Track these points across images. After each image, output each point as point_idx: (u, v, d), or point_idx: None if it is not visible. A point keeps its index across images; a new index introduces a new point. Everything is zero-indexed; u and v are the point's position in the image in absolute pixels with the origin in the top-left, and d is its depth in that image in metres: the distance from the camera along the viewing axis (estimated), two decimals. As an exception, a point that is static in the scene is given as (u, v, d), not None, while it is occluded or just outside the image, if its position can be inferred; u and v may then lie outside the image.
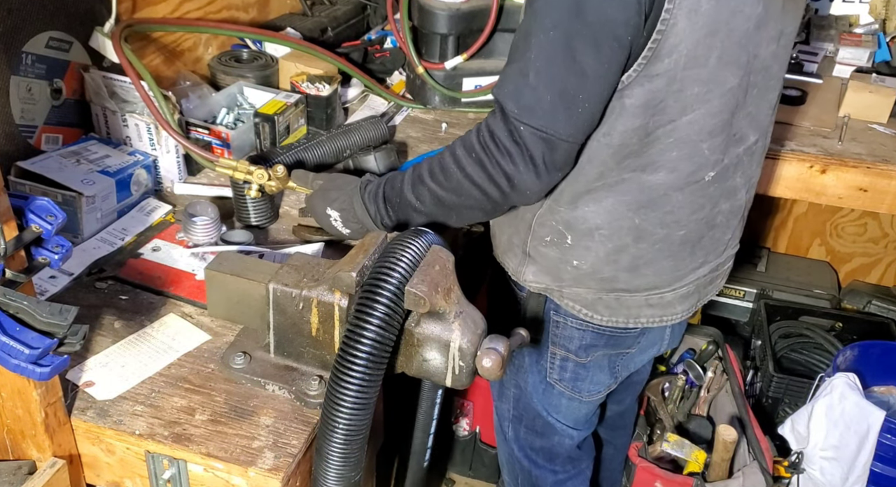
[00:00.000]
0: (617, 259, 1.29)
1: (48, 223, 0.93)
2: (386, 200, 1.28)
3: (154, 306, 1.26)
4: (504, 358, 1.03)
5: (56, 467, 1.04)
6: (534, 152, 1.13)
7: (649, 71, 1.11)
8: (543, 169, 1.15)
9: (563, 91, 1.10)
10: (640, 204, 1.24)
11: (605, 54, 1.08)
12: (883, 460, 1.91)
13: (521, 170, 1.15)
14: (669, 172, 1.21)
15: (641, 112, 1.14)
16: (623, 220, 1.25)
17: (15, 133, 1.44)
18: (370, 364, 0.97)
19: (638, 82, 1.12)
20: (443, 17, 1.78)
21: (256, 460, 1.02)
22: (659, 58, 1.09)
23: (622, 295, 1.33)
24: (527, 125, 1.12)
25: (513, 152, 1.14)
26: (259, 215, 1.45)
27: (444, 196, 1.22)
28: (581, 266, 1.30)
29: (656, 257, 1.29)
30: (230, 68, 1.80)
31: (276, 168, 1.40)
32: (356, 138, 1.65)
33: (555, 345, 1.44)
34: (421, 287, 1.00)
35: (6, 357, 0.87)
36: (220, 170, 1.40)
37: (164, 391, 1.11)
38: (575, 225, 1.27)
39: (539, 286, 1.37)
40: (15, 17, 1.39)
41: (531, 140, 1.12)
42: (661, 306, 1.36)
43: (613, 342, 1.42)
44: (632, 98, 1.13)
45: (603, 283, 1.32)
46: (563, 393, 1.50)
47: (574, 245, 1.29)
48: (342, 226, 1.34)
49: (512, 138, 1.14)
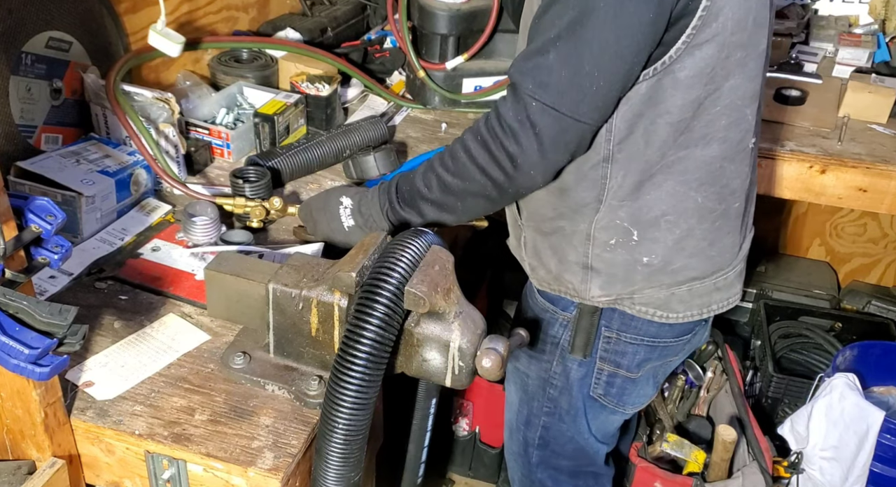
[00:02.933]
0: (684, 245, 1.26)
1: (48, 223, 0.93)
2: (398, 191, 1.27)
3: (154, 306, 1.26)
4: (504, 358, 1.03)
5: (56, 467, 1.04)
6: (541, 128, 1.11)
7: (698, 39, 1.10)
8: (550, 145, 1.13)
9: (578, 67, 1.08)
10: (701, 180, 1.22)
11: (628, 29, 1.06)
12: (882, 460, 1.91)
13: (525, 148, 1.13)
14: (721, 142, 1.19)
15: (696, 82, 1.13)
16: (687, 201, 1.23)
17: (14, 133, 1.44)
18: (370, 364, 0.97)
19: (688, 53, 1.11)
20: (443, 18, 1.78)
21: (256, 460, 1.02)
22: (708, 25, 1.09)
23: (694, 284, 1.30)
24: (539, 101, 1.11)
25: (517, 131, 1.13)
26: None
27: (450, 181, 1.21)
28: (652, 261, 1.27)
29: (719, 235, 1.28)
30: (230, 68, 1.80)
31: (273, 200, 1.41)
32: (356, 138, 1.65)
33: (603, 361, 1.39)
34: (421, 287, 1.00)
35: (6, 357, 0.87)
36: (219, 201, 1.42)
37: (164, 391, 1.11)
38: (640, 216, 1.24)
39: (608, 298, 1.32)
40: (15, 17, 1.39)
41: (540, 116, 1.11)
42: (726, 288, 1.34)
43: (665, 353, 1.40)
44: (684, 70, 1.12)
45: (675, 276, 1.29)
46: (606, 407, 1.46)
47: (641, 239, 1.25)
48: (347, 216, 1.32)
49: (517, 118, 1.12)
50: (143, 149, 1.45)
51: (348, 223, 1.32)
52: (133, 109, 1.49)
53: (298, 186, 1.59)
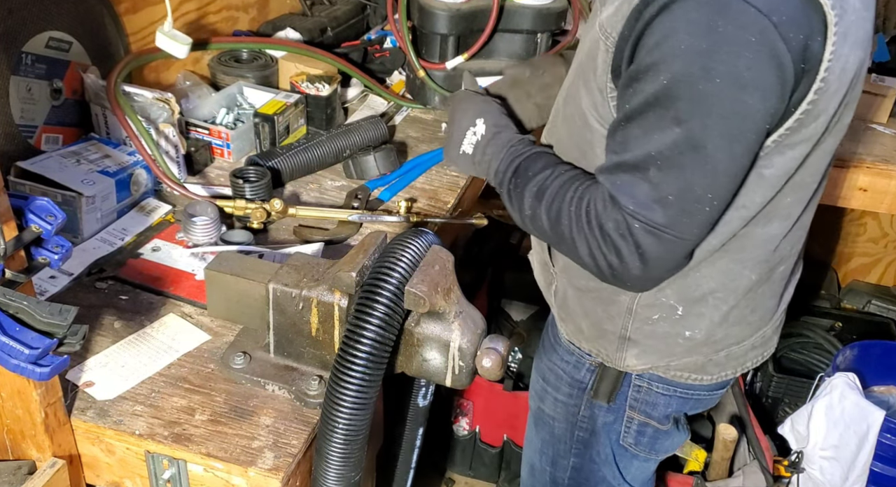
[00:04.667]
0: (728, 317, 1.18)
1: (48, 223, 0.93)
2: (514, 175, 1.15)
3: (154, 306, 1.26)
4: (504, 357, 1.03)
5: (56, 467, 1.04)
6: (646, 250, 1.01)
7: (792, 140, 1.00)
8: (656, 268, 1.03)
9: (688, 190, 0.98)
10: (757, 259, 1.13)
11: (743, 148, 0.97)
12: (883, 460, 1.92)
13: (630, 268, 1.03)
14: (783, 220, 1.11)
15: (781, 180, 1.04)
16: (739, 279, 1.14)
17: (15, 133, 1.44)
18: (370, 363, 0.97)
19: (778, 152, 1.01)
20: (443, 18, 1.78)
21: (256, 460, 1.02)
22: (805, 126, 0.99)
23: (731, 349, 1.23)
24: (642, 222, 1.00)
25: (620, 247, 1.02)
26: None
27: (548, 233, 1.12)
28: (695, 335, 1.19)
29: (762, 301, 1.20)
30: (230, 68, 1.80)
31: (273, 202, 1.41)
32: (356, 138, 1.65)
33: (633, 410, 1.31)
34: (421, 287, 1.00)
35: (6, 357, 0.87)
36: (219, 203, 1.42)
37: (164, 391, 1.11)
38: (687, 293, 1.15)
39: (644, 367, 1.24)
40: (15, 17, 1.39)
41: (645, 238, 1.00)
42: (762, 344, 1.27)
43: (698, 405, 1.34)
44: (771, 168, 1.02)
45: (715, 345, 1.21)
46: (638, 456, 1.37)
47: (686, 314, 1.17)
48: (470, 144, 1.23)
49: (619, 231, 1.01)
50: (142, 150, 1.45)
51: (466, 148, 1.24)
52: (133, 110, 1.49)
53: (298, 186, 1.59)
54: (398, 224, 1.47)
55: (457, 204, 1.59)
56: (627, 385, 1.29)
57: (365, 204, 1.52)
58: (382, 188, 1.59)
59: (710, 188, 0.98)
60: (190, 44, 1.52)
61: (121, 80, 1.53)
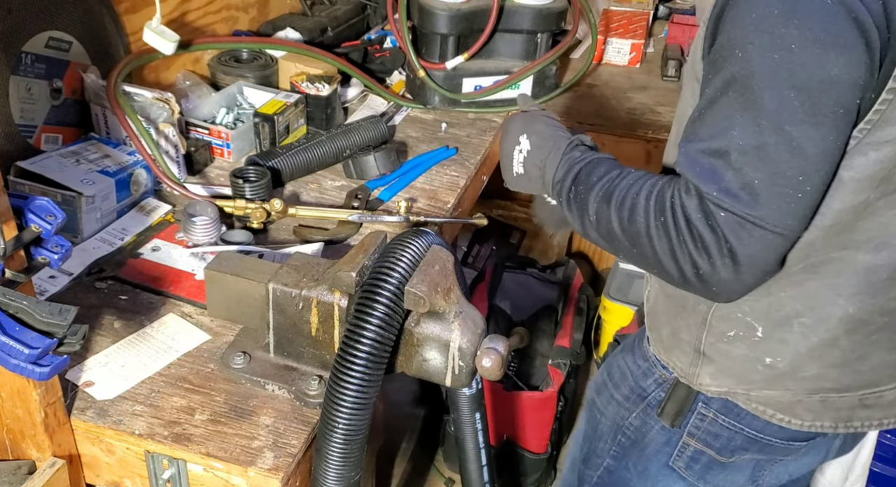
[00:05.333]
0: (823, 354, 1.05)
1: (48, 223, 0.93)
2: (575, 182, 1.07)
3: (154, 306, 1.26)
4: (504, 357, 1.03)
5: (56, 467, 1.04)
6: (735, 245, 0.90)
7: (875, 137, 0.90)
8: (747, 268, 0.91)
9: (776, 173, 0.88)
10: (856, 289, 1.00)
11: (830, 124, 0.87)
12: (883, 460, 1.91)
13: (718, 267, 0.92)
14: (889, 249, 0.98)
15: (865, 186, 0.93)
16: (832, 308, 1.01)
17: (14, 133, 1.44)
18: (370, 363, 0.97)
19: (859, 151, 0.91)
20: (443, 18, 1.78)
21: (256, 460, 1.02)
22: (889, 121, 0.89)
23: (829, 395, 1.08)
24: (728, 211, 0.90)
25: (708, 241, 0.91)
26: None
27: (619, 235, 1.01)
28: (776, 364, 1.07)
29: (874, 349, 1.05)
30: (230, 68, 1.81)
31: (273, 202, 1.41)
32: (356, 138, 1.65)
33: (692, 437, 1.20)
34: (421, 287, 1.00)
35: (6, 357, 0.87)
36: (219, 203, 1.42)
37: (164, 391, 1.11)
38: (768, 312, 1.04)
39: (719, 390, 1.13)
40: (15, 16, 1.39)
41: (733, 230, 0.90)
42: (879, 407, 1.11)
43: (769, 451, 1.18)
44: (851, 170, 0.92)
45: (804, 383, 1.07)
46: (685, 479, 1.25)
47: (766, 338, 1.05)
48: (519, 163, 1.16)
49: (707, 222, 0.91)
50: (142, 150, 1.45)
51: (517, 169, 1.17)
52: (133, 110, 1.49)
53: (298, 186, 1.59)
54: (398, 224, 1.47)
55: (457, 204, 1.59)
56: (693, 411, 1.18)
57: (365, 204, 1.52)
58: (382, 188, 1.59)
59: (800, 169, 0.88)
60: (177, 40, 1.52)
61: (121, 79, 1.53)
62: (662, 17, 2.54)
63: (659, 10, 2.54)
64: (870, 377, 1.08)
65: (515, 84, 1.89)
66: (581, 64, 2.04)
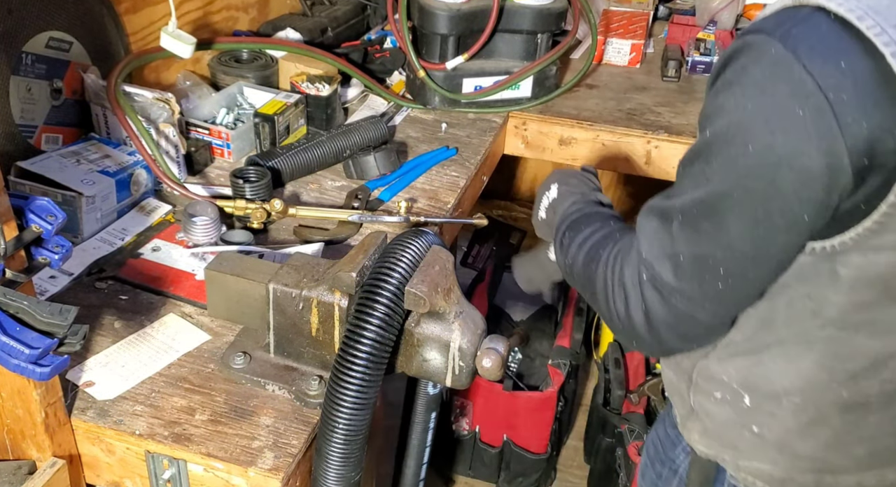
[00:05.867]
0: (816, 432, 0.98)
1: (48, 223, 0.93)
2: (569, 227, 1.12)
3: (154, 306, 1.26)
4: (504, 357, 1.03)
5: (56, 467, 1.04)
6: (651, 308, 0.92)
7: (875, 242, 0.83)
8: (666, 334, 0.93)
9: (701, 256, 0.87)
10: (852, 372, 0.93)
11: (765, 232, 0.84)
12: (882, 460, 1.91)
13: (635, 321, 0.94)
14: (888, 335, 0.91)
15: (864, 287, 0.87)
16: (826, 392, 0.95)
17: (15, 133, 1.44)
18: (370, 364, 0.97)
19: (858, 251, 0.85)
20: (443, 18, 1.78)
21: (256, 460, 1.02)
22: (890, 229, 0.82)
23: (824, 477, 1.01)
24: (651, 275, 0.91)
25: (629, 294, 0.93)
26: None
27: (580, 277, 1.05)
28: (764, 433, 1.00)
29: (872, 431, 0.98)
30: (230, 68, 1.81)
31: (273, 202, 1.41)
32: (356, 138, 1.65)
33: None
34: (421, 287, 1.00)
35: (6, 357, 0.87)
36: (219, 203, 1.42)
37: (164, 391, 1.12)
38: (756, 383, 0.98)
39: (707, 451, 1.08)
40: (15, 17, 1.39)
41: (651, 294, 0.91)
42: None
43: None
44: (848, 268, 0.86)
45: (795, 461, 1.01)
46: None
47: (754, 408, 1.00)
48: (543, 208, 1.21)
49: (632, 278, 0.93)
50: (142, 150, 1.45)
51: (541, 214, 1.22)
52: (133, 110, 1.49)
53: (299, 186, 1.59)
54: (398, 224, 1.47)
55: (457, 204, 1.59)
56: (721, 482, 1.11)
57: (365, 204, 1.52)
58: (382, 188, 1.59)
59: (724, 263, 0.86)
60: (194, 43, 1.52)
61: (121, 79, 1.53)
62: (662, 18, 2.54)
63: (659, 11, 2.54)
64: (868, 460, 1.01)
65: (515, 84, 1.89)
66: (581, 64, 2.04)
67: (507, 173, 3.09)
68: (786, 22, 0.80)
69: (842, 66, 0.77)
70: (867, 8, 0.77)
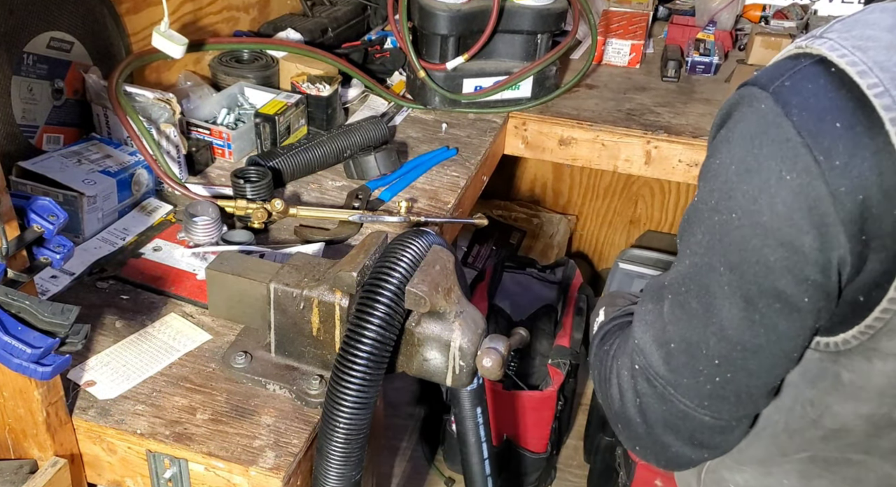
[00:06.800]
0: None
1: (50, 223, 0.94)
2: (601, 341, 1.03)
3: (155, 306, 1.27)
4: (504, 357, 1.03)
5: (57, 466, 1.04)
6: (645, 402, 0.82)
7: (880, 345, 0.72)
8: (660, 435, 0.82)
9: (693, 344, 0.77)
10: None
11: (758, 315, 0.72)
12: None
13: (630, 415, 0.84)
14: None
15: (873, 397, 0.75)
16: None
17: (16, 133, 1.44)
18: (371, 363, 0.97)
19: (862, 354, 0.73)
20: (443, 18, 1.78)
21: (257, 459, 1.03)
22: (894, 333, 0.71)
23: None
24: (643, 366, 0.81)
25: (624, 388, 0.84)
26: None
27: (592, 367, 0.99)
28: None
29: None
30: (231, 69, 1.81)
31: (274, 202, 1.41)
32: (356, 138, 1.65)
33: None
34: (421, 286, 1.00)
35: (8, 356, 0.87)
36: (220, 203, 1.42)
37: (166, 390, 1.12)
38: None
39: None
40: (16, 17, 1.39)
41: (645, 388, 0.81)
42: None
43: None
44: (852, 373, 0.74)
45: None
46: None
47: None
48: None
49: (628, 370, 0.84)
50: (143, 150, 1.46)
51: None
52: (134, 110, 1.49)
53: (299, 186, 1.60)
54: (399, 224, 1.47)
55: (457, 204, 1.60)
56: None
57: (365, 204, 1.53)
58: (383, 188, 1.59)
59: (719, 353, 0.75)
60: (186, 44, 1.53)
61: (122, 80, 1.54)
62: (662, 18, 2.55)
63: (659, 11, 2.54)
64: None
65: (516, 84, 1.89)
66: (581, 64, 2.05)
67: (507, 173, 3.09)
68: (783, 74, 0.71)
69: (837, 127, 0.65)
70: (873, 63, 0.66)
